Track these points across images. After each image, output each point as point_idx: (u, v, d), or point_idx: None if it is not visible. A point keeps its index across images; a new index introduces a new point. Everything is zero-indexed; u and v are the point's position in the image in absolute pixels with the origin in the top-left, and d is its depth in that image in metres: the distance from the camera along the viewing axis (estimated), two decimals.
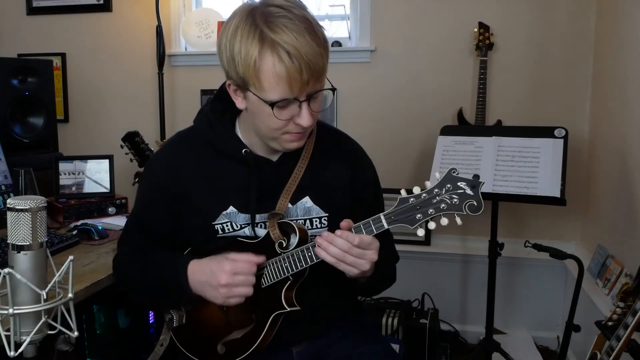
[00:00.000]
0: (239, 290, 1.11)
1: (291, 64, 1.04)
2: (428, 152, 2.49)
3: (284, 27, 1.04)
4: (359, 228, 1.09)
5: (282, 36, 1.04)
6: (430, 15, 2.64)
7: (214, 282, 1.12)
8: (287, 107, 1.10)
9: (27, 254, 0.89)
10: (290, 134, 1.15)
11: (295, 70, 1.04)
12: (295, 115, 1.11)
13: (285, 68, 1.04)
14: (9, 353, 0.87)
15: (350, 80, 2.74)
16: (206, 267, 1.15)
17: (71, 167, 1.98)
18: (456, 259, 2.71)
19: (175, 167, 1.25)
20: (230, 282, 1.11)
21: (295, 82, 1.05)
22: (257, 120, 1.16)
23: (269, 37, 1.04)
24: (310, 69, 1.05)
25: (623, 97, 2.07)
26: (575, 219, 2.59)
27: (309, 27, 1.06)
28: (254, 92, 1.10)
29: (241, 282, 1.11)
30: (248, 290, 1.12)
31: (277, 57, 1.04)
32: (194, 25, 2.78)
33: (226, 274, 1.11)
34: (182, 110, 2.92)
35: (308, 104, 1.10)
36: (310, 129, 1.20)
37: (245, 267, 1.12)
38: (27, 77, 2.18)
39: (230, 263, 1.12)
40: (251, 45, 1.05)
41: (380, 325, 2.20)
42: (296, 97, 1.08)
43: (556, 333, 2.63)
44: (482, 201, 1.03)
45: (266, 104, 1.09)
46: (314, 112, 1.12)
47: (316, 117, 1.16)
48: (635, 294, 1.32)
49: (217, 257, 1.15)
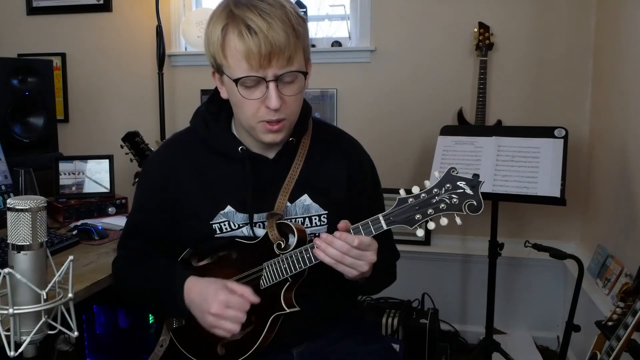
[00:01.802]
0: (225, 324, 1.10)
1: (250, 38, 1.05)
2: (428, 152, 2.49)
3: (251, 6, 1.07)
4: (358, 229, 1.08)
5: (247, 13, 1.06)
6: (430, 15, 2.64)
7: (205, 308, 1.11)
8: (255, 88, 1.10)
9: (27, 254, 0.89)
10: (263, 122, 1.13)
11: (254, 45, 1.05)
12: (265, 97, 1.11)
13: (244, 42, 1.05)
14: (9, 353, 0.87)
15: (350, 80, 2.74)
16: (202, 289, 1.14)
17: (71, 167, 1.98)
18: (456, 259, 2.71)
19: (171, 169, 1.26)
20: (220, 313, 1.09)
21: (254, 57, 1.05)
22: (235, 107, 1.17)
23: (234, 13, 1.07)
24: (271, 44, 1.05)
25: (623, 97, 2.07)
26: (575, 219, 2.59)
27: (281, 13, 1.07)
28: (226, 73, 1.12)
29: (230, 317, 1.09)
30: (234, 327, 1.10)
31: (237, 32, 1.06)
32: (194, 25, 2.78)
33: (218, 304, 1.09)
34: (182, 110, 2.92)
35: (276, 85, 1.09)
36: (288, 119, 1.16)
37: (239, 302, 1.10)
38: (27, 77, 2.18)
39: (225, 294, 1.10)
40: (217, 23, 1.09)
41: (380, 325, 2.20)
42: (261, 76, 1.08)
43: (556, 333, 2.63)
44: (482, 201, 1.01)
45: (234, 83, 1.10)
46: (284, 95, 1.11)
47: (289, 103, 1.13)
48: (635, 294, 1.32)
49: (215, 283, 1.14)
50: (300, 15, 1.11)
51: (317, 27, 2.89)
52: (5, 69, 2.11)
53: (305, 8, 2.73)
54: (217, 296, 1.10)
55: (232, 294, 1.11)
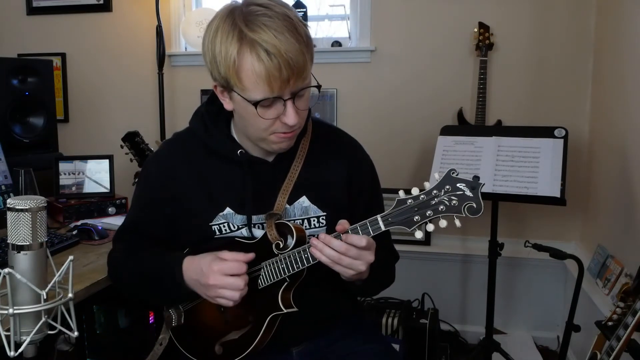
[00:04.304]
0: (224, 293, 1.10)
1: (270, 62, 1.03)
2: (428, 152, 2.49)
3: (262, 26, 1.03)
4: (356, 229, 1.08)
5: (261, 34, 1.03)
6: (430, 15, 2.64)
7: (203, 281, 1.12)
8: (272, 106, 1.10)
9: (27, 254, 0.89)
10: (278, 134, 1.14)
11: (275, 69, 1.03)
12: (281, 114, 1.10)
13: (264, 67, 1.03)
14: (9, 353, 0.87)
15: (350, 80, 2.74)
16: (198, 264, 1.15)
17: (71, 167, 1.98)
18: (456, 259, 2.71)
19: (171, 169, 1.26)
20: (218, 283, 1.10)
21: (275, 80, 1.04)
22: (244, 121, 1.16)
23: (248, 36, 1.03)
24: (290, 66, 1.04)
25: (623, 97, 2.07)
26: (575, 219, 2.59)
27: (289, 25, 1.05)
28: (238, 92, 1.10)
29: (228, 285, 1.09)
30: (233, 295, 1.09)
31: (255, 56, 1.03)
32: (194, 25, 2.78)
33: (214, 274, 1.10)
34: (182, 110, 2.92)
35: (293, 102, 1.09)
36: (299, 128, 1.18)
37: (234, 266, 1.10)
38: (27, 77, 2.18)
39: (219, 263, 1.11)
40: (230, 44, 1.05)
41: (380, 325, 2.20)
42: (279, 95, 1.07)
43: (556, 333, 2.63)
44: (482, 203, 1.00)
45: (250, 103, 1.09)
46: (299, 110, 1.12)
47: (303, 116, 1.15)
48: (635, 294, 1.32)
49: (209, 255, 1.14)
50: (300, 19, 1.11)
51: (317, 27, 2.89)
52: (5, 69, 2.11)
53: (305, 8, 2.73)
54: (211, 267, 1.11)
55: (225, 261, 1.11)
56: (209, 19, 1.14)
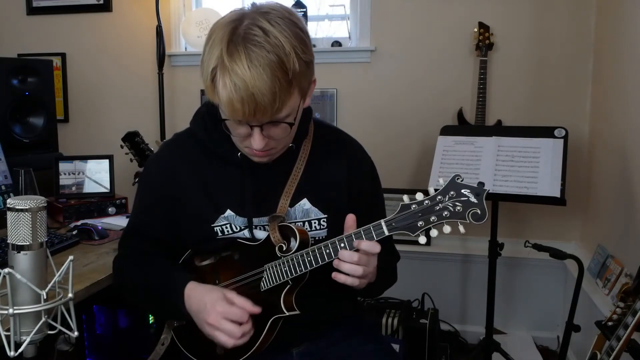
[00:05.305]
0: (220, 336, 1.09)
1: (233, 93, 1.00)
2: (428, 152, 2.49)
3: (242, 54, 0.99)
4: (360, 234, 1.08)
5: (236, 63, 1.00)
6: (430, 15, 2.64)
7: (203, 317, 1.11)
8: (240, 126, 1.09)
9: (27, 254, 0.89)
10: (251, 149, 1.13)
11: (237, 101, 1.01)
12: (249, 136, 1.10)
13: (227, 95, 1.02)
14: (9, 353, 0.87)
15: (350, 80, 2.74)
16: (202, 298, 1.13)
17: (71, 167, 1.98)
18: (456, 259, 2.71)
19: (172, 171, 1.25)
20: (216, 324, 1.09)
21: (236, 111, 1.03)
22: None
23: (224, 61, 1.01)
24: (256, 101, 1.00)
25: (623, 97, 2.07)
26: (575, 219, 2.59)
27: (276, 60, 1.00)
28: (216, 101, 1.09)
29: (226, 331, 1.08)
30: (227, 341, 1.08)
31: (222, 82, 1.02)
32: (194, 25, 2.78)
33: (216, 315, 1.09)
34: (182, 110, 2.92)
35: (261, 130, 1.07)
36: (283, 148, 1.17)
37: (238, 314, 1.09)
38: (27, 77, 2.19)
39: (224, 305, 1.09)
40: (211, 58, 1.04)
41: (380, 325, 2.20)
42: (246, 122, 1.06)
43: (556, 333, 2.63)
44: (486, 210, 0.99)
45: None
46: (271, 137, 1.10)
47: (278, 140, 1.12)
48: (635, 294, 1.32)
49: (216, 292, 1.13)
50: (303, 49, 1.04)
51: (317, 27, 2.89)
52: (5, 69, 2.11)
53: (305, 8, 2.73)
54: (214, 307, 1.09)
55: (230, 306, 1.10)
56: (209, 19, 1.13)
